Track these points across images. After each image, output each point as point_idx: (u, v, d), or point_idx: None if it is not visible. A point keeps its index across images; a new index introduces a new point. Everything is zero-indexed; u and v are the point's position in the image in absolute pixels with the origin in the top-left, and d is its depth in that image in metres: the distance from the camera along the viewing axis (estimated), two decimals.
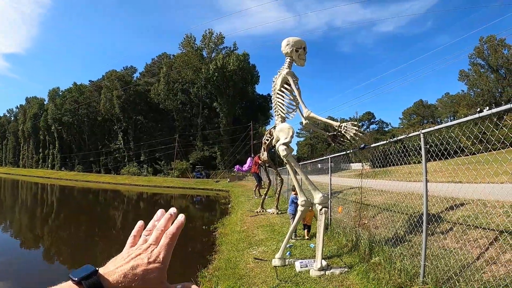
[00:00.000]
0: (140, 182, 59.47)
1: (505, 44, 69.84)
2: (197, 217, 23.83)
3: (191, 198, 40.80)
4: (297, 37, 8.20)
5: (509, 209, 6.60)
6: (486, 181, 7.67)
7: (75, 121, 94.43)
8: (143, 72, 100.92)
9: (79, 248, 14.22)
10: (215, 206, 29.96)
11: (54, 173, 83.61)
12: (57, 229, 18.71)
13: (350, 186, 13.98)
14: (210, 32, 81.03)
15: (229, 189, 39.57)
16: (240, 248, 9.54)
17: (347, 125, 7.65)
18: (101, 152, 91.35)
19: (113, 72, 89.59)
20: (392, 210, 9.58)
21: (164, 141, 76.94)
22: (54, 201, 34.91)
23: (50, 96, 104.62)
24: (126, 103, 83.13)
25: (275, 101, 8.43)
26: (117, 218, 23.56)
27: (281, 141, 7.57)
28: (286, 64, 8.21)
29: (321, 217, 6.92)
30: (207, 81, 74.60)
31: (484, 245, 5.79)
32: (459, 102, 75.46)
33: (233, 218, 16.57)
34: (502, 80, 69.91)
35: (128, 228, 18.69)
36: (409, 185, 10.30)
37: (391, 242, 7.30)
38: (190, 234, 16.62)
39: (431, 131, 5.48)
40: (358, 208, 9.96)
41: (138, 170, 76.89)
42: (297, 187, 7.79)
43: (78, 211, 26.51)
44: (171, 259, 0.85)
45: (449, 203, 8.26)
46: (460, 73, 78.28)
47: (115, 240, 15.63)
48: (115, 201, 37.51)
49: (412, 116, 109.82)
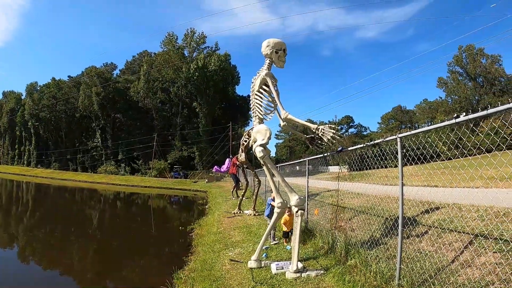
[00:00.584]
0: (117, 181, 58.90)
1: (484, 54, 72.18)
2: (174, 218, 23.64)
3: (169, 198, 40.48)
4: (278, 39, 8.16)
5: (484, 213, 6.71)
6: (462, 186, 7.81)
7: (52, 117, 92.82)
8: (123, 69, 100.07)
9: (53, 248, 13.84)
10: (193, 206, 29.75)
11: (30, 170, 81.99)
12: (31, 228, 18.22)
13: (327, 188, 13.98)
14: (192, 31, 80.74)
15: (207, 189, 39.44)
16: (216, 249, 9.44)
17: (325, 128, 7.60)
18: (78, 150, 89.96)
19: (93, 68, 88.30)
20: (368, 213, 9.62)
21: (142, 140, 76.23)
22: (29, 200, 34.08)
23: (27, 90, 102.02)
24: (105, 100, 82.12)
25: (253, 102, 8.35)
26: (93, 217, 23.14)
27: (258, 142, 7.50)
28: (266, 65, 8.15)
29: (297, 220, 6.89)
30: (187, 81, 74.21)
31: (459, 248, 5.83)
32: (437, 109, 77.20)
33: (210, 219, 16.43)
34: (480, 88, 72.07)
35: (104, 228, 18.47)
36: (385, 188, 10.38)
37: (367, 245, 7.30)
38: (166, 235, 16.46)
39: (408, 135, 5.48)
40: (335, 211, 9.97)
41: (116, 169, 76.19)
42: (273, 189, 7.71)
43: (53, 210, 25.95)
44: (147, 260, 0.78)
45: (424, 206, 8.34)
46: (439, 80, 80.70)
47: (90, 240, 15.38)
48: (92, 200, 36.81)
49: (390, 121, 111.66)
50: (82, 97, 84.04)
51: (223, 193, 30.93)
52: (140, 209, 30.07)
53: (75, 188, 50.81)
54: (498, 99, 62.05)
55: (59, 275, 10.27)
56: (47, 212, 24.94)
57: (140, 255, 12.51)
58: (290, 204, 7.25)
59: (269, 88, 7.94)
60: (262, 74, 8.04)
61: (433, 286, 4.93)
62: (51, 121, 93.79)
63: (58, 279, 9.82)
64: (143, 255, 12.42)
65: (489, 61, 72.27)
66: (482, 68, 72.09)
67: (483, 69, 71.99)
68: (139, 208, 30.88)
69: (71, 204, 32.14)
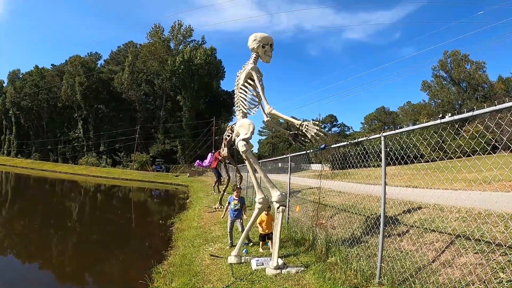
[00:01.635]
0: (98, 173, 58.20)
1: (468, 60, 73.74)
2: (155, 211, 23.47)
3: (150, 191, 40.19)
4: (265, 33, 8.06)
5: (466, 215, 6.74)
6: (444, 187, 7.82)
7: (34, 106, 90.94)
8: (107, 60, 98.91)
9: (30, 241, 13.57)
10: (174, 200, 29.56)
11: (10, 160, 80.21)
12: (7, 221, 17.87)
13: (309, 186, 13.97)
14: (179, 24, 79.98)
15: (189, 184, 39.27)
16: (196, 244, 9.33)
17: (309, 124, 7.53)
18: (60, 141, 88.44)
19: (77, 57, 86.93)
20: (349, 211, 9.63)
21: (125, 132, 75.64)
22: (8, 191, 33.49)
23: (9, 78, 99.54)
24: (88, 91, 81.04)
25: (237, 96, 8.24)
26: (72, 210, 22.79)
27: (241, 136, 7.39)
28: (252, 60, 8.04)
29: (278, 216, 6.82)
30: (172, 74, 73.64)
31: (440, 248, 5.85)
32: (420, 111, 78.23)
33: (190, 214, 16.31)
34: (463, 93, 73.37)
35: (82, 221, 18.18)
36: (367, 187, 10.40)
37: (347, 243, 7.30)
38: (146, 229, 16.29)
39: (392, 134, 5.46)
40: (316, 208, 9.94)
41: (97, 160, 75.25)
42: (255, 184, 7.62)
43: (31, 202, 25.45)
44: (126, 254, 0.68)
45: (406, 206, 8.35)
46: (423, 84, 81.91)
47: (68, 233, 15.15)
48: (71, 192, 36.35)
49: (373, 121, 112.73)
50: (65, 87, 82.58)
51: (204, 187, 30.81)
52: (120, 202, 29.75)
53: (55, 179, 49.96)
54: (480, 104, 62.65)
55: (34, 270, 10.05)
56: (24, 203, 24.38)
57: (119, 249, 12.32)
58: (271, 200, 7.16)
59: (254, 82, 7.84)
60: (247, 68, 7.94)
61: (414, 285, 4.95)
62: (33, 110, 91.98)
63: (33, 275, 9.59)
64: (122, 249, 12.24)
65: (474, 67, 73.44)
66: (466, 74, 73.24)
67: (467, 75, 73.15)
68: (119, 201, 30.55)
69: (50, 196, 31.64)
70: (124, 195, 36.07)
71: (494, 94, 64.92)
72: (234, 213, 9.18)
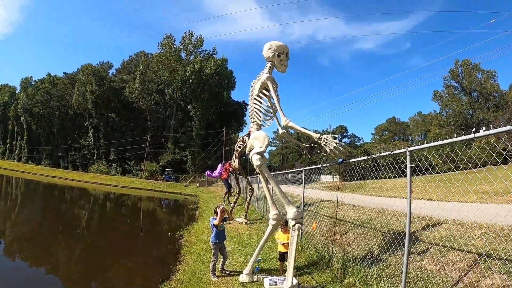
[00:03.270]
0: (108, 181, 58.14)
1: (479, 69, 72.77)
2: (163, 222, 23.26)
3: (159, 201, 39.94)
4: (280, 42, 7.81)
5: (488, 231, 6.37)
6: (456, 200, 7.48)
7: (45, 113, 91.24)
8: (119, 69, 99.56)
9: (38, 248, 13.47)
10: (183, 211, 29.41)
11: (20, 166, 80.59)
12: (17, 226, 17.91)
13: (321, 199, 13.64)
14: (190, 34, 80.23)
15: (198, 194, 39.05)
16: (206, 259, 9.03)
17: (328, 137, 7.13)
18: (70, 148, 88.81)
19: (89, 66, 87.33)
20: (365, 227, 9.28)
21: (135, 141, 75.55)
22: (18, 195, 33.61)
23: (22, 85, 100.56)
24: (100, 99, 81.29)
25: (251, 107, 7.98)
26: (81, 218, 22.68)
27: (255, 150, 7.12)
28: (267, 69, 7.78)
29: (294, 234, 6.48)
30: (183, 83, 73.65)
31: (463, 268, 5.51)
32: (431, 122, 77.49)
33: (200, 226, 16.00)
34: (474, 103, 72.47)
35: (91, 229, 18.00)
36: (381, 200, 10.06)
37: (365, 261, 6.95)
38: (154, 240, 15.99)
39: (418, 149, 5.13)
40: (331, 223, 9.61)
41: (107, 169, 75.22)
42: (269, 199, 7.32)
43: (41, 208, 25.55)
44: (133, 267, 0.50)
45: (424, 222, 8.00)
46: (434, 94, 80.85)
47: (76, 242, 14.92)
48: (81, 200, 36.48)
49: (384, 132, 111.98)
50: (77, 95, 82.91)
51: (214, 198, 30.57)
52: (129, 211, 29.57)
53: (65, 186, 50.09)
54: (492, 114, 63.82)
55: (39, 276, 9.92)
56: (34, 209, 24.41)
57: (126, 261, 12.06)
58: (287, 217, 6.83)
59: (269, 93, 7.57)
60: (262, 77, 7.67)
61: None
62: (44, 117, 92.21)
63: (37, 281, 9.43)
64: (129, 262, 11.97)
65: (485, 76, 72.76)
66: (477, 83, 72.49)
67: (478, 84, 72.38)
68: (128, 210, 30.37)
69: (60, 202, 31.73)
70: (133, 204, 35.97)
71: (505, 103, 64.65)
72: (221, 234, 8.00)
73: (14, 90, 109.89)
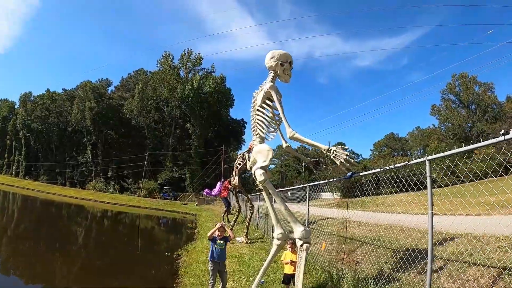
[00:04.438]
0: (105, 199, 57.44)
1: (477, 81, 74.43)
2: (161, 240, 22.75)
3: (157, 219, 39.50)
4: (283, 50, 7.43)
5: (506, 243, 6.03)
6: (461, 213, 7.06)
7: (44, 129, 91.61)
8: (118, 86, 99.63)
9: (35, 262, 13.11)
10: (181, 229, 28.90)
11: (18, 181, 79.97)
12: (12, 242, 17.52)
13: (323, 216, 13.14)
14: (189, 52, 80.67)
15: (197, 212, 38.59)
16: (205, 282, 8.51)
17: (337, 149, 6.64)
18: (68, 164, 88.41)
19: (88, 82, 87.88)
20: (374, 244, 8.80)
21: (133, 159, 75.25)
22: (14, 211, 33.41)
23: (21, 100, 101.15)
24: (98, 116, 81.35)
25: (254, 119, 7.54)
26: (77, 236, 22.15)
27: (259, 164, 6.64)
28: (269, 79, 7.40)
29: (302, 254, 6.00)
30: (181, 101, 74.04)
31: (486, 285, 5.09)
32: (430, 136, 77.93)
33: (198, 245, 15.42)
34: (473, 115, 73.73)
35: (86, 248, 17.49)
36: (387, 216, 9.59)
37: (379, 282, 6.44)
38: (151, 260, 15.43)
39: (438, 157, 4.72)
40: (338, 241, 9.12)
41: (105, 186, 74.56)
42: (273, 218, 6.83)
43: (37, 225, 25.34)
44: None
45: (436, 237, 7.52)
46: (432, 108, 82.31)
47: (71, 260, 14.43)
48: (78, 217, 35.99)
49: (383, 148, 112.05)
50: (75, 111, 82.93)
51: (213, 217, 30.07)
52: (125, 230, 28.98)
53: (62, 203, 49.81)
54: (491, 126, 64.83)
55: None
56: (29, 226, 24.29)
57: (122, 282, 11.49)
58: (294, 236, 6.33)
59: (273, 103, 7.14)
60: (265, 87, 7.27)
61: None
62: (43, 133, 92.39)
63: None
64: (125, 283, 11.41)
65: (482, 88, 73.99)
66: (475, 96, 73.74)
67: (476, 97, 73.60)
68: (124, 228, 29.77)
69: (56, 219, 31.30)
70: (130, 222, 35.45)
71: (504, 115, 65.39)
72: (220, 253, 7.72)
73: (13, 105, 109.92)
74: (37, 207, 42.74)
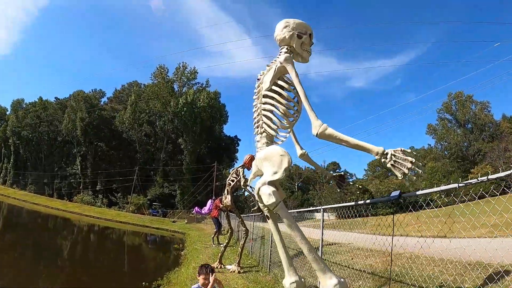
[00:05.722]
0: (91, 213, 55.36)
1: (473, 100, 75.08)
2: (143, 262, 20.90)
3: (144, 236, 37.79)
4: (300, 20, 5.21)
5: None
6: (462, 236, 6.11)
7: (34, 138, 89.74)
8: (111, 98, 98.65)
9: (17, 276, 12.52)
10: (168, 249, 27.20)
11: (4, 190, 77.44)
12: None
13: (326, 241, 10.91)
14: (184, 65, 79.92)
15: (186, 231, 36.32)
16: None
17: (397, 153, 4.28)
18: (56, 175, 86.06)
19: (80, 92, 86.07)
20: (398, 281, 6.69)
21: (123, 172, 73.27)
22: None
23: (13, 106, 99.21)
24: (89, 127, 79.41)
25: (258, 110, 5.15)
26: (47, 251, 20.55)
27: (267, 177, 4.28)
28: (283, 53, 5.07)
29: None
30: (174, 115, 72.99)
31: None
32: (425, 156, 77.57)
33: (183, 274, 12.97)
34: (469, 135, 74.07)
35: (70, 261, 15.68)
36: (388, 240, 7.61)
37: None
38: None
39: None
40: (363, 280, 6.92)
41: (93, 199, 72.48)
42: (283, 257, 4.44)
43: (13, 236, 24.58)
44: None
45: (480, 269, 5.65)
46: (428, 127, 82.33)
47: (56, 273, 14.02)
48: (60, 230, 34.80)
49: (377, 168, 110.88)
50: (66, 121, 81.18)
51: (202, 237, 27.84)
52: (106, 248, 26.99)
53: (47, 214, 48.65)
54: (487, 145, 64.78)
55: None
56: (16, 236, 23.95)
57: None
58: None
59: (288, 85, 4.80)
60: (279, 59, 4.91)
61: None
62: (33, 142, 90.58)
63: None
64: None
65: (478, 107, 74.41)
66: (471, 115, 74.12)
67: (472, 116, 74.00)
68: (105, 247, 27.66)
69: (42, 231, 30.76)
70: (115, 239, 34.23)
71: (500, 133, 65.74)
72: None
73: (5, 111, 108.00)
74: (22, 217, 42.41)
